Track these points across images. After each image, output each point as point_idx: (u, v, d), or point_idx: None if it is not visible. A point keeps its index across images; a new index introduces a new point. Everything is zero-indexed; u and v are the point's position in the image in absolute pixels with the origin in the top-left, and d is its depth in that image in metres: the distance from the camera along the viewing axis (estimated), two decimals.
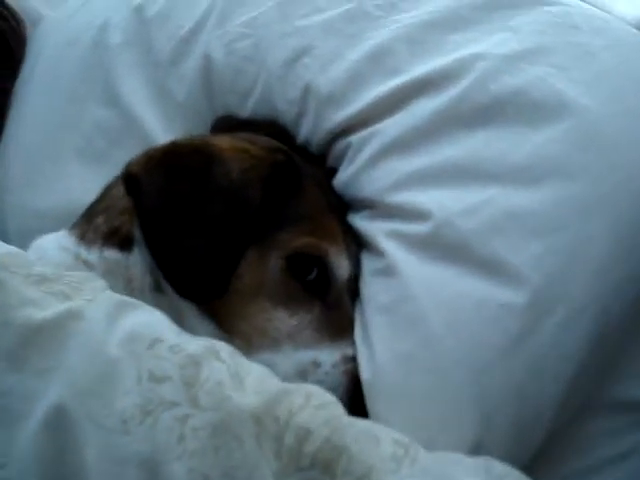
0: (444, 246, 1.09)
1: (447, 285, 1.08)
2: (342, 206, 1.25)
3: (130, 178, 1.14)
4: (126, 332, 0.97)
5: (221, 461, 0.89)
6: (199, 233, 1.11)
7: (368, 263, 1.18)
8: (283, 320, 1.13)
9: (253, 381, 0.97)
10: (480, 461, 0.98)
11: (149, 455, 0.88)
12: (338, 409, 0.95)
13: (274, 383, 0.98)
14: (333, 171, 1.28)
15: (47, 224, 1.28)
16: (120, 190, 1.22)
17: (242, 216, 1.12)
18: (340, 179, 1.24)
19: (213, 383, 0.94)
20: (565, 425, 1.11)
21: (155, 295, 1.15)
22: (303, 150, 1.30)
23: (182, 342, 0.99)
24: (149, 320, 1.02)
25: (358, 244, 1.22)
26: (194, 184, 1.12)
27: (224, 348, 1.02)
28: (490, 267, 1.06)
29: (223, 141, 1.19)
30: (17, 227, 1.44)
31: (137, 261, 1.15)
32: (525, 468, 1.02)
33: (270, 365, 1.11)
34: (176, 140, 1.19)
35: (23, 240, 1.33)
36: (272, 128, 1.31)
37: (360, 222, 1.21)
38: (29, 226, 1.40)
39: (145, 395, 0.92)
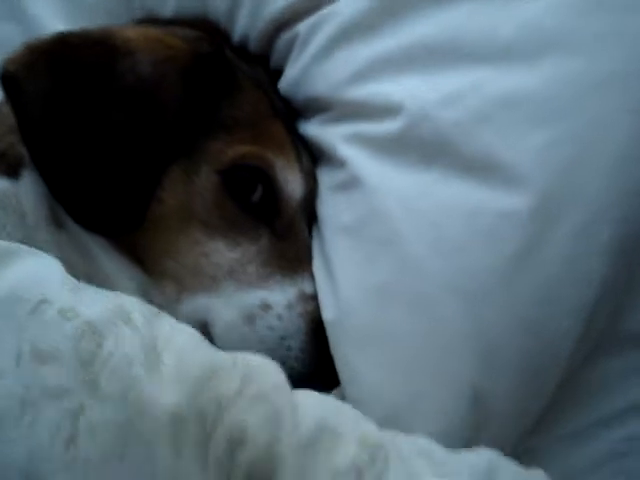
0: (420, 146, 0.86)
1: (426, 194, 0.84)
2: (290, 114, 1.01)
3: (7, 79, 0.87)
4: (2, 291, 0.72)
5: (125, 474, 0.65)
6: (102, 147, 0.86)
7: (326, 178, 0.94)
8: (221, 253, 0.89)
9: (173, 357, 0.71)
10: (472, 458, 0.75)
11: (25, 465, 0.63)
12: (283, 395, 0.70)
13: (200, 358, 0.72)
14: (277, 74, 1.03)
15: None
16: (8, 108, 0.96)
17: (158, 121, 0.87)
18: (286, 79, 1.00)
19: (119, 360, 0.68)
20: (577, 367, 0.88)
21: (54, 231, 0.90)
22: (240, 52, 1.05)
23: (78, 303, 0.72)
24: (35, 273, 0.76)
25: (312, 158, 0.97)
26: (92, 83, 0.87)
27: (137, 308, 0.76)
28: (480, 168, 0.83)
29: (130, 31, 0.93)
30: None
31: (28, 189, 0.90)
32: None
33: (209, 311, 0.88)
34: (67, 31, 0.93)
35: None
36: (201, 27, 1.05)
37: (314, 129, 0.97)
38: None
39: (25, 380, 0.67)
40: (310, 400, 0.73)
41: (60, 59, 0.88)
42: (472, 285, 0.81)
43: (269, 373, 0.72)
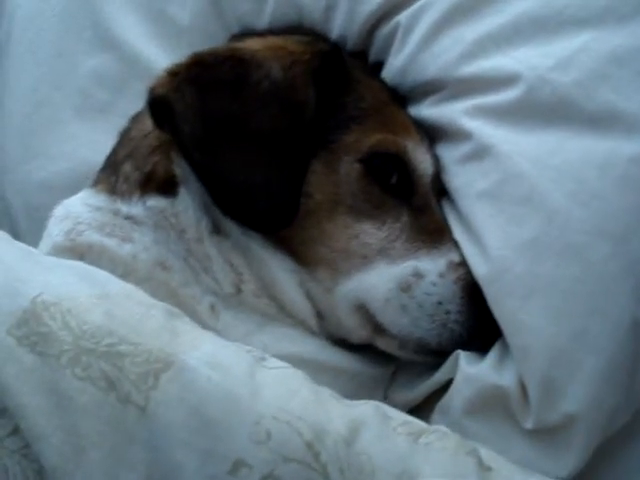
0: (542, 109, 0.93)
1: (557, 152, 0.91)
2: (401, 101, 1.07)
3: (157, 103, 0.95)
4: None
5: None
6: (252, 152, 0.93)
7: (450, 153, 1.01)
8: (371, 233, 0.96)
9: None
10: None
11: None
12: None
13: None
14: (378, 67, 1.10)
15: (55, 195, 1.09)
16: (141, 129, 1.04)
17: (297, 121, 0.94)
18: (390, 69, 1.07)
19: None
20: None
21: (215, 239, 0.98)
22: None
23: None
24: None
25: (429, 138, 1.04)
26: (232, 95, 0.94)
27: None
28: (603, 121, 0.91)
29: (253, 43, 1.01)
30: (23, 205, 1.25)
31: (186, 204, 0.97)
32: None
33: (365, 288, 0.95)
34: (197, 52, 1.00)
35: (32, 219, 1.18)
36: (298, 34, 1.12)
37: (427, 110, 1.03)
38: (36, 201, 1.22)
39: None
40: None
41: (200, 78, 0.95)
42: (617, 227, 0.87)
43: None
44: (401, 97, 1.08)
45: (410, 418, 0.85)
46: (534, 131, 0.93)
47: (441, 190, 1.03)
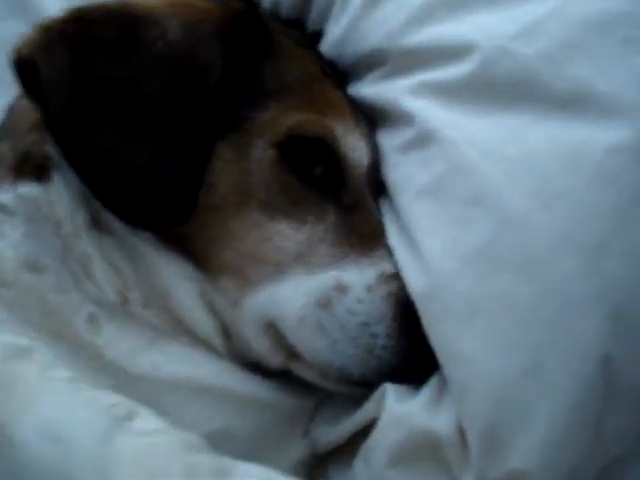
0: (501, 87, 0.76)
1: (516, 140, 0.73)
2: (338, 77, 0.89)
3: (23, 66, 0.76)
4: None
5: None
6: (136, 126, 0.75)
7: (389, 140, 0.83)
8: (286, 235, 0.79)
9: None
10: None
11: None
12: None
13: None
14: (316, 37, 0.92)
15: None
16: (23, 103, 0.85)
17: (197, 91, 0.77)
18: (329, 39, 0.90)
19: None
20: None
21: (96, 237, 0.80)
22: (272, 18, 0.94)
23: None
24: None
25: (370, 122, 0.86)
26: (117, 58, 0.77)
27: None
28: (574, 102, 0.73)
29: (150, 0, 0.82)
30: None
31: (61, 193, 0.80)
32: None
33: (276, 303, 0.78)
34: (81, 6, 0.82)
35: None
36: None
37: (368, 88, 0.86)
38: None
39: None
40: None
41: (78, 36, 0.78)
42: (587, 236, 0.69)
43: None
44: (340, 73, 0.89)
45: None
46: (489, 114, 0.75)
47: (381, 185, 0.85)
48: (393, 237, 0.80)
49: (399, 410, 0.74)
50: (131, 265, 0.79)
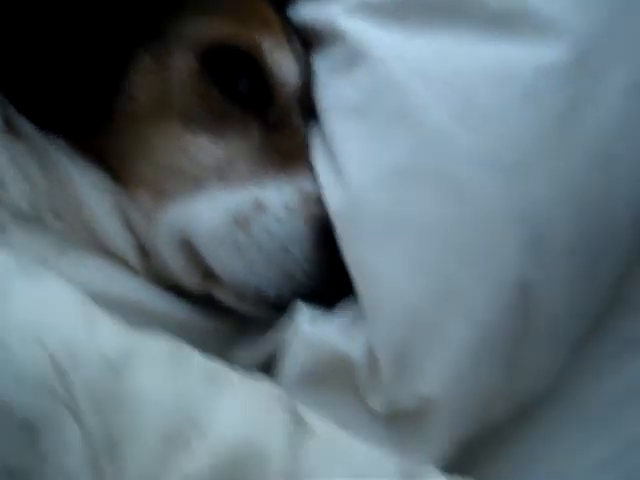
0: (436, 4, 0.73)
1: (445, 58, 0.71)
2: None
3: None
4: None
5: None
6: (54, 35, 0.72)
7: (323, 60, 0.80)
8: (205, 149, 0.76)
9: None
10: None
11: None
12: None
13: None
14: None
15: None
16: None
17: None
18: None
19: None
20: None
21: (7, 139, 0.76)
22: None
23: None
24: None
25: (305, 44, 0.83)
26: None
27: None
28: (508, 20, 0.71)
29: None
30: None
31: None
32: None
33: (192, 218, 0.75)
34: None
35: None
36: None
37: (307, 10, 0.82)
38: None
39: None
40: None
41: None
42: (511, 157, 0.67)
43: None
44: None
45: (215, 365, 0.65)
46: (421, 32, 0.72)
47: (314, 109, 0.81)
48: (318, 158, 0.77)
49: (312, 332, 0.71)
50: (43, 173, 0.75)
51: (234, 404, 0.61)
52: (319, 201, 0.74)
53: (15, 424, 0.54)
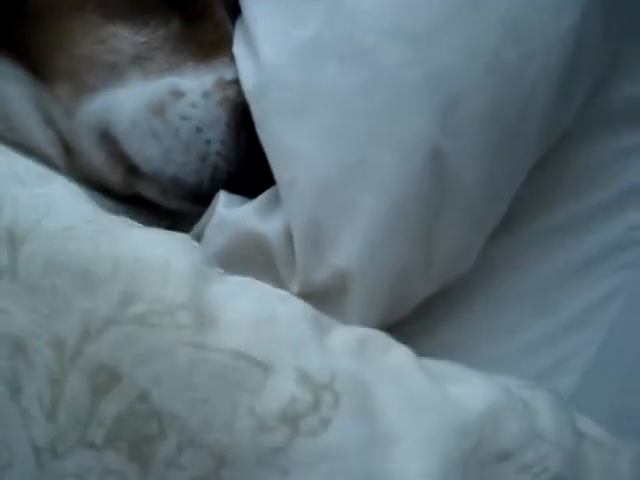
0: None
1: None
2: None
3: None
4: None
5: None
6: None
7: None
8: (123, 37, 0.75)
9: (32, 255, 0.55)
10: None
11: None
12: (184, 319, 0.54)
13: (74, 252, 0.56)
14: None
15: None
16: None
17: None
18: None
19: None
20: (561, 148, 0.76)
21: None
22: None
23: None
24: None
25: None
26: None
27: None
28: None
29: None
30: None
31: None
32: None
33: (110, 107, 0.74)
34: None
35: None
36: None
37: None
38: None
39: None
40: (238, 310, 0.57)
41: None
42: (420, 25, 0.66)
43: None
44: None
45: None
46: None
47: None
48: (238, 45, 0.76)
49: (227, 214, 0.70)
50: None
51: None
52: (237, 87, 0.73)
53: None
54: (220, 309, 0.56)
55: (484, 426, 0.57)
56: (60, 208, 0.58)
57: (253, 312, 0.58)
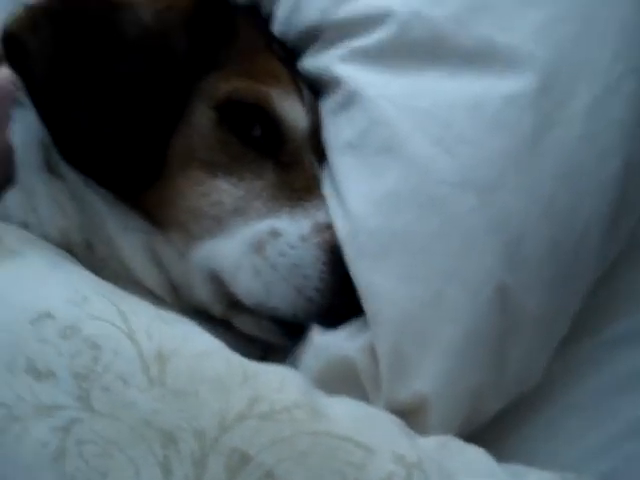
0: (415, 47, 0.83)
1: (426, 93, 0.81)
2: (289, 55, 0.97)
3: (9, 40, 0.85)
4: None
5: None
6: (110, 104, 0.83)
7: (326, 104, 0.90)
8: (224, 190, 0.85)
9: (177, 369, 0.67)
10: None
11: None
12: (299, 415, 0.66)
13: (210, 368, 0.68)
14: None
15: None
16: None
17: (165, 71, 0.85)
18: (278, 20, 0.97)
19: (114, 377, 0.65)
20: (616, 265, 0.84)
21: (46, 177, 0.87)
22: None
23: (81, 318, 0.69)
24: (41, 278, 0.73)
25: (313, 91, 0.94)
26: (95, 38, 0.84)
27: (141, 310, 0.73)
28: (479, 57, 0.80)
29: None
30: None
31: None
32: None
33: (218, 254, 0.84)
34: None
35: None
36: None
37: (309, 61, 0.94)
38: None
39: (17, 392, 0.64)
40: (340, 410, 0.69)
41: (61, 16, 0.85)
42: (485, 176, 0.76)
43: (286, 388, 0.68)
44: (289, 50, 0.97)
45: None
46: (406, 73, 0.82)
47: None
48: (327, 191, 0.86)
49: (320, 340, 0.80)
50: (77, 209, 0.85)
51: None
52: (331, 229, 0.83)
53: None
54: (328, 408, 0.68)
55: None
56: (194, 337, 0.71)
57: (354, 411, 0.70)
